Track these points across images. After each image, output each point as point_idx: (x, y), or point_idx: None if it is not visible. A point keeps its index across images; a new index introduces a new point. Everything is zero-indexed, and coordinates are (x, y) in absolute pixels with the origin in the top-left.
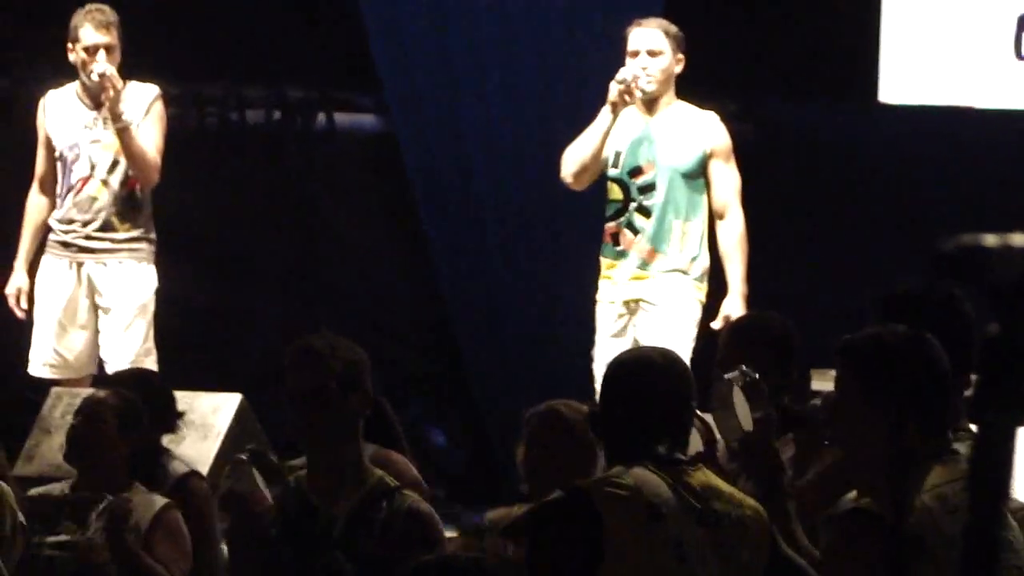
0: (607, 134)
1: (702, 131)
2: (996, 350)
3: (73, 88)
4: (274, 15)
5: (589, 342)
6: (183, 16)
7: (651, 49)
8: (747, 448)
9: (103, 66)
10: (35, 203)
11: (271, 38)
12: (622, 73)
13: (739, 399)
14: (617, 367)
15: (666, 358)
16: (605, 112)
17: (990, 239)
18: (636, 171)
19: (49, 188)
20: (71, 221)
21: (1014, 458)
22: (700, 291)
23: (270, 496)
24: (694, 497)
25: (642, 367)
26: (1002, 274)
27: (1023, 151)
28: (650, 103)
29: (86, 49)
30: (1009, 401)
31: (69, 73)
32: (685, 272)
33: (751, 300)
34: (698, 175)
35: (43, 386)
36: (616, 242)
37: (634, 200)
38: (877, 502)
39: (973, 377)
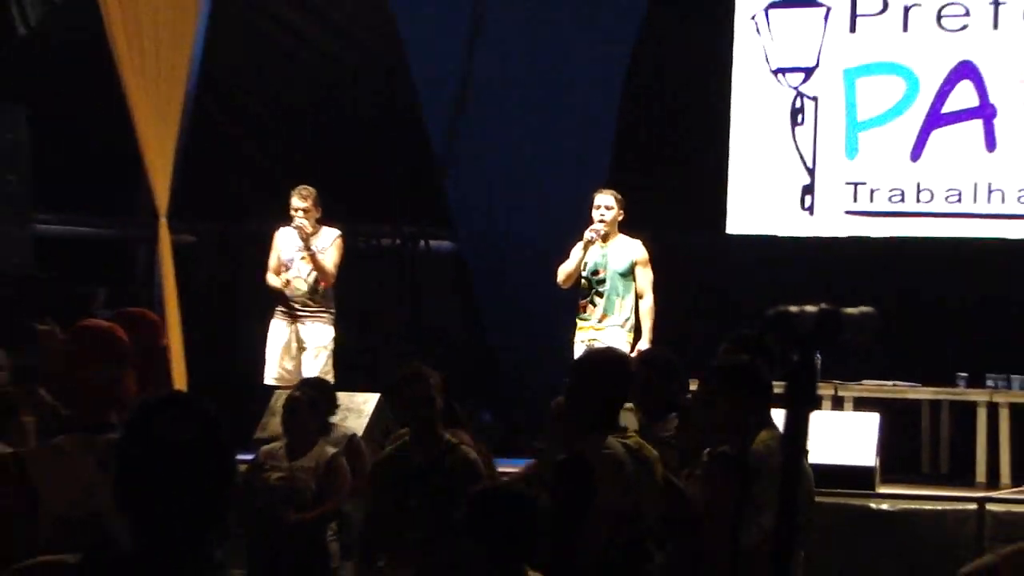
0: (581, 260)
1: (632, 250)
2: (797, 370)
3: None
4: (398, 187)
5: (568, 360)
6: (350, 188)
7: (607, 206)
8: None
9: (299, 221)
10: (271, 276)
11: (397, 198)
12: (591, 229)
13: None
14: (592, 363)
15: (617, 358)
16: (579, 248)
17: (793, 308)
18: (595, 272)
19: (278, 275)
20: (288, 300)
21: (808, 430)
22: (629, 337)
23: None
24: (635, 451)
25: (610, 368)
26: (800, 327)
27: (808, 261)
28: (604, 237)
29: (293, 209)
30: (806, 398)
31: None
32: (621, 327)
33: (655, 342)
34: (629, 274)
35: (271, 389)
36: (583, 310)
37: (594, 289)
38: (732, 450)
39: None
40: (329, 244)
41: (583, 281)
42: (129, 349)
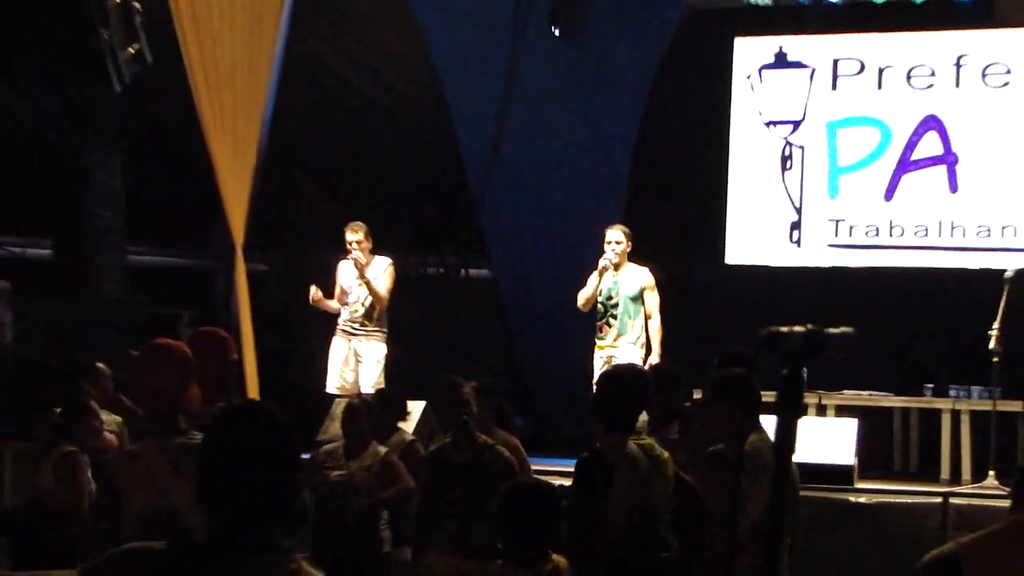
0: (597, 286)
1: (641, 277)
2: (786, 381)
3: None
4: (442, 224)
5: (590, 374)
6: (401, 225)
7: (617, 240)
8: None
9: (355, 254)
10: (334, 302)
11: (441, 233)
12: (604, 259)
13: None
14: (615, 377)
15: (636, 372)
16: (595, 275)
17: (783, 328)
18: (609, 298)
19: (340, 301)
20: (346, 320)
21: (796, 434)
22: (641, 352)
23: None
24: (648, 450)
25: (631, 381)
26: (789, 344)
27: (796, 288)
28: (616, 266)
29: (348, 243)
30: (794, 406)
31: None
32: (633, 344)
33: (664, 357)
34: (638, 298)
35: (332, 398)
36: (600, 331)
37: (608, 312)
38: (726, 450)
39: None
40: (381, 272)
41: (599, 305)
42: (192, 363)
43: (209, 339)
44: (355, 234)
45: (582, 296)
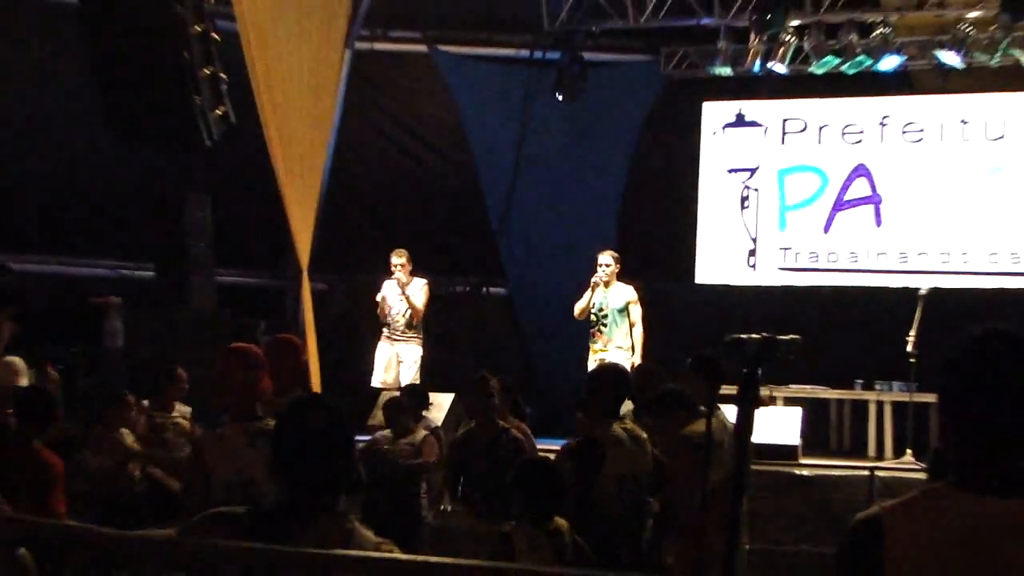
0: (590, 300)
1: (626, 293)
2: (746, 380)
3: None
4: (467, 250)
5: (586, 372)
6: (435, 251)
7: (607, 263)
8: None
9: (397, 274)
10: (380, 308)
11: (468, 259)
12: (595, 277)
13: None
14: (602, 374)
15: (620, 370)
16: (589, 291)
17: (743, 336)
18: (600, 310)
19: (383, 312)
20: (390, 327)
21: (753, 424)
22: (627, 354)
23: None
24: (630, 432)
25: (615, 376)
26: (748, 349)
27: (753, 303)
28: (606, 284)
29: (393, 265)
30: (752, 399)
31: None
32: (620, 348)
33: (645, 358)
34: (624, 310)
35: (378, 391)
36: (593, 337)
37: (600, 321)
38: (694, 432)
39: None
40: (418, 290)
41: (592, 316)
42: (263, 362)
43: (283, 343)
44: (399, 258)
45: (578, 308)
